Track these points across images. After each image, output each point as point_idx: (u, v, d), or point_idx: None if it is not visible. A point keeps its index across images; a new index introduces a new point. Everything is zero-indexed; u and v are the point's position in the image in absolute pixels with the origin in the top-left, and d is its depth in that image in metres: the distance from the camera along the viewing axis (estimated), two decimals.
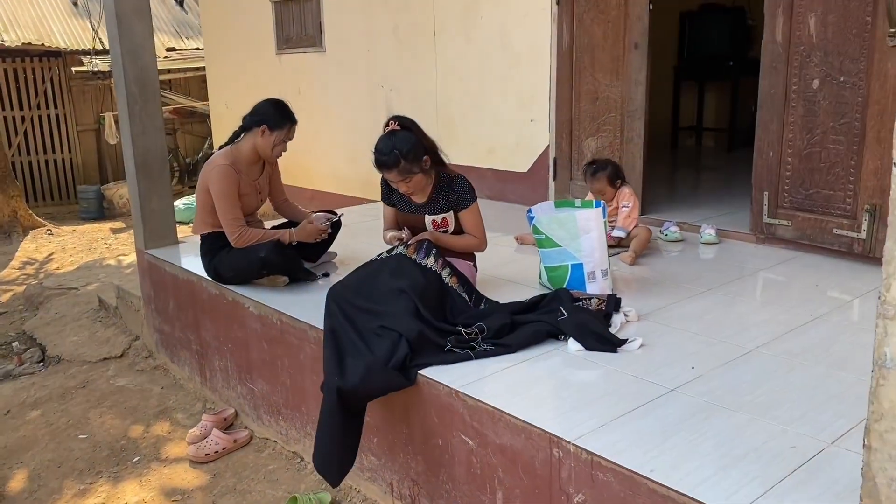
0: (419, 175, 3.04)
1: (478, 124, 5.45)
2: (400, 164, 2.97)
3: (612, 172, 3.89)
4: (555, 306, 2.90)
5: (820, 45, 3.54)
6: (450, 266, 2.99)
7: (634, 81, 4.44)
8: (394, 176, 3.02)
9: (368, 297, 2.82)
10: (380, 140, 3.04)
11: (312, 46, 6.79)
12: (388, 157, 2.98)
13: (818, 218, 3.67)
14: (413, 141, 3.01)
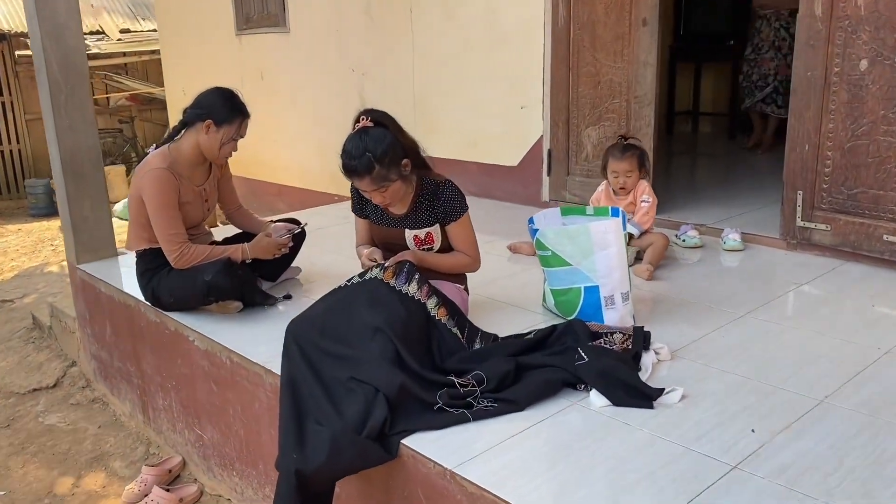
0: (397, 183, 2.46)
1: (460, 112, 4.86)
2: (374, 169, 2.39)
3: (643, 155, 3.32)
4: (569, 344, 2.34)
5: (870, 18, 3.00)
6: (436, 293, 2.42)
7: (643, 62, 3.87)
8: (366, 184, 2.43)
9: (337, 338, 2.24)
10: (348, 140, 2.45)
11: (275, 26, 6.13)
12: (359, 161, 2.39)
13: (864, 222, 3.15)
14: (389, 140, 2.42)
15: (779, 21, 5.40)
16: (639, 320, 2.66)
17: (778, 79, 5.45)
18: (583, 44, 4.11)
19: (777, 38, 5.44)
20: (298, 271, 3.35)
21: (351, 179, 2.46)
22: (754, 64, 5.60)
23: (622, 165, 3.27)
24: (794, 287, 3.00)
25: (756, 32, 5.55)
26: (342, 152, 2.45)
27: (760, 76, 5.56)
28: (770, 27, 5.44)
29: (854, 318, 2.66)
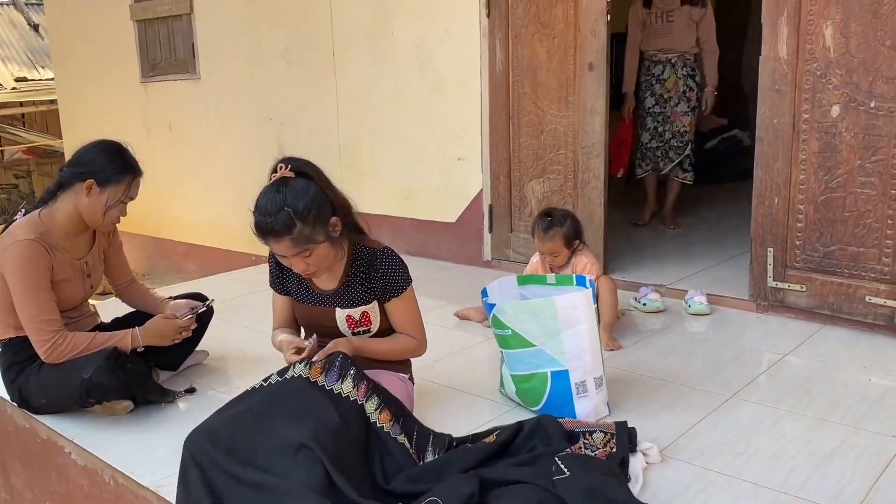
0: (324, 246, 1.99)
1: (392, 164, 4.45)
2: (294, 228, 1.92)
3: (571, 230, 2.93)
4: (540, 449, 1.91)
5: (840, 61, 2.76)
6: (377, 392, 1.95)
7: (590, 110, 3.56)
8: (285, 248, 1.96)
9: (249, 459, 1.75)
10: (262, 193, 1.99)
11: (184, 73, 5.62)
12: (276, 218, 1.92)
13: (844, 282, 2.86)
14: (313, 194, 1.97)
15: (686, 67, 4.48)
16: (613, 409, 2.26)
17: (689, 137, 4.54)
18: (524, 90, 3.79)
19: (686, 87, 4.49)
20: (205, 356, 2.82)
21: (266, 242, 1.98)
22: (664, 119, 4.53)
23: (545, 247, 2.91)
24: (778, 358, 2.66)
25: (656, 80, 4.50)
26: (255, 208, 1.98)
27: (674, 134, 4.51)
28: (677, 74, 4.47)
29: (854, 398, 2.33)
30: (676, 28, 4.40)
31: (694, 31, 4.41)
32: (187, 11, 5.41)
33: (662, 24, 4.42)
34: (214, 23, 5.29)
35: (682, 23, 4.38)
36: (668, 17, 4.41)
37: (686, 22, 4.38)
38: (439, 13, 4.03)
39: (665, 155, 4.54)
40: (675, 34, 4.41)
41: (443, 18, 4.03)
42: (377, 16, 4.31)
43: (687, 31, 4.40)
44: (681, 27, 4.39)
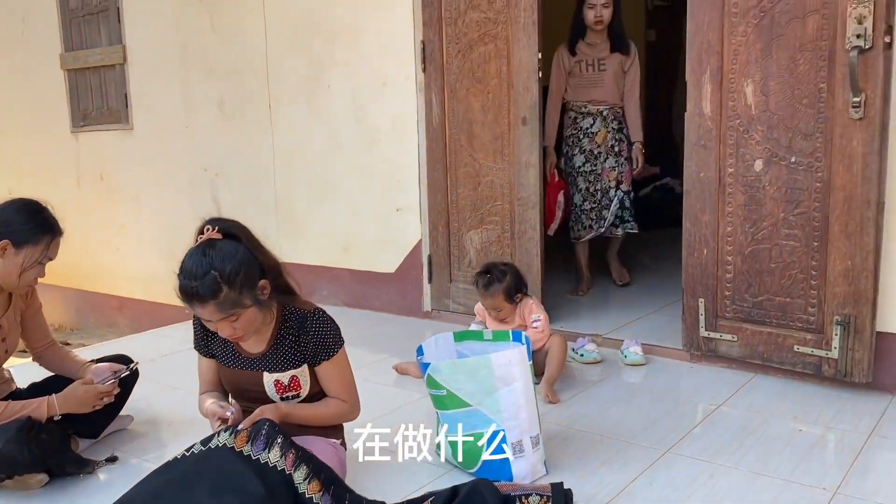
0: (251, 310, 1.94)
1: (329, 215, 4.41)
2: (220, 293, 1.86)
3: (512, 283, 2.96)
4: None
5: (762, 117, 2.86)
6: (306, 461, 1.88)
7: (524, 163, 3.60)
8: (211, 312, 1.90)
9: None
10: (188, 256, 1.93)
11: (117, 123, 5.50)
12: (201, 282, 1.86)
13: (772, 332, 2.92)
14: (241, 257, 1.92)
15: (615, 120, 4.16)
16: (551, 467, 2.23)
17: (623, 189, 4.18)
18: (460, 143, 3.82)
19: (615, 140, 4.17)
20: (130, 421, 2.70)
21: (191, 307, 1.92)
22: (595, 178, 4.15)
23: (487, 303, 3.00)
24: (712, 409, 2.69)
25: (585, 134, 4.13)
26: (180, 270, 1.91)
27: (604, 191, 4.16)
28: (607, 127, 4.13)
29: (786, 449, 2.36)
30: (608, 77, 4.08)
31: (622, 81, 4.15)
32: (120, 61, 5.32)
33: (593, 73, 4.10)
34: (148, 73, 5.21)
35: (613, 72, 4.09)
36: (599, 66, 4.09)
37: (617, 71, 4.11)
38: (376, 67, 4.06)
39: (600, 216, 4.15)
40: (607, 84, 4.09)
41: (379, 72, 4.05)
42: (314, 69, 4.31)
43: (618, 81, 4.13)
44: (612, 76, 4.10)
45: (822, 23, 2.67)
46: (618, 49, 4.08)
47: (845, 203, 2.68)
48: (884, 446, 2.37)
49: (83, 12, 5.57)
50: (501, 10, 3.56)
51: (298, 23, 4.32)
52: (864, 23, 2.53)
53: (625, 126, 4.20)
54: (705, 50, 2.95)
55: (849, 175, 2.66)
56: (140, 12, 5.17)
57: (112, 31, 5.37)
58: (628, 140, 4.20)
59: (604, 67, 4.09)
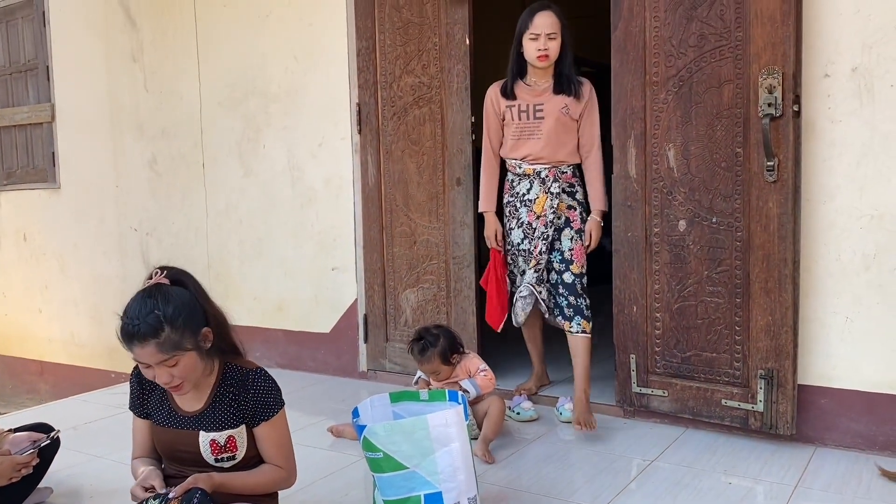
0: (191, 355, 1.90)
1: (263, 275, 4.36)
2: (161, 332, 1.84)
3: (446, 345, 2.98)
4: None
5: (684, 180, 3.00)
6: None
7: (459, 223, 3.66)
8: (150, 354, 1.85)
9: None
10: (134, 299, 1.90)
11: (43, 182, 5.36)
12: (143, 321, 1.84)
13: (701, 386, 3.01)
14: (186, 300, 1.91)
15: (563, 183, 3.19)
16: None
17: (567, 272, 3.18)
18: (396, 203, 3.86)
19: (562, 207, 3.20)
20: (49, 493, 2.56)
21: (131, 347, 1.87)
22: (530, 254, 3.19)
23: (424, 368, 3.03)
24: (646, 465, 2.73)
25: (521, 202, 3.22)
26: (123, 313, 1.88)
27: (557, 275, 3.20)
28: (550, 192, 3.15)
29: (717, 502, 2.40)
30: (548, 127, 3.11)
31: (573, 133, 3.17)
32: (48, 119, 5.22)
33: (528, 122, 3.15)
34: (78, 131, 5.12)
35: (555, 119, 3.10)
36: (535, 112, 3.14)
37: (561, 118, 3.11)
38: (312, 128, 4.09)
39: (546, 300, 3.22)
40: (546, 135, 3.12)
41: (315, 133, 4.09)
42: (249, 129, 4.32)
43: (563, 132, 3.13)
44: (554, 125, 3.11)
45: (736, 91, 2.85)
46: (562, 91, 3.12)
47: (764, 261, 2.81)
48: (809, 497, 2.44)
49: (11, 69, 5.48)
50: (435, 76, 3.67)
51: (234, 82, 4.34)
52: (775, 92, 2.70)
53: (578, 190, 3.23)
54: (629, 115, 3.09)
55: (766, 234, 2.80)
56: (71, 70, 5.11)
57: (41, 88, 5.28)
58: (583, 208, 3.22)
59: (541, 114, 3.13)
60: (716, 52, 2.88)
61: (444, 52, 3.63)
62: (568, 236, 3.20)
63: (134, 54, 4.74)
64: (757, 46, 2.76)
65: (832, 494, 2.45)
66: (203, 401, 2.01)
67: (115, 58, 4.84)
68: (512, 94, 3.20)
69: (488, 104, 3.28)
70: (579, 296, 3.20)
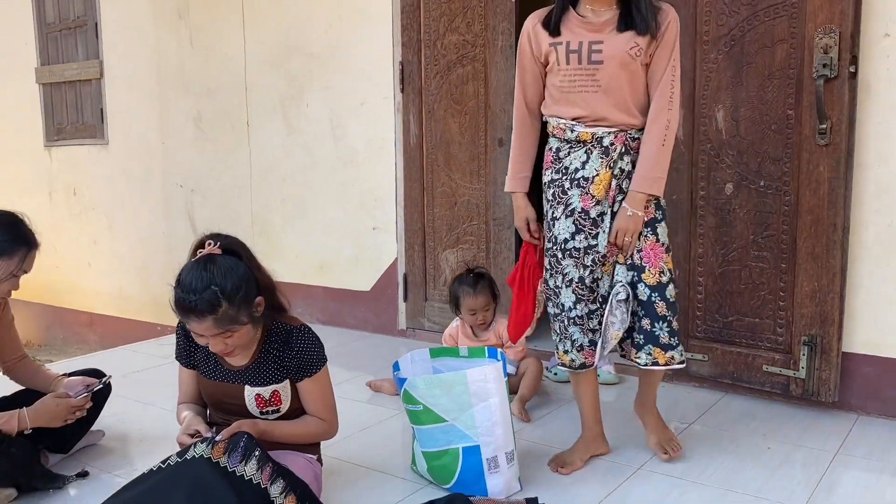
0: (247, 328, 1.94)
1: (305, 233, 4.41)
2: (219, 309, 1.87)
3: (493, 284, 3.03)
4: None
5: (732, 143, 2.94)
6: (282, 475, 1.88)
7: (500, 184, 3.63)
8: (207, 328, 1.89)
9: None
10: (187, 270, 1.91)
11: (91, 138, 5.48)
12: (200, 297, 1.85)
13: (742, 352, 2.98)
14: (241, 274, 1.92)
15: (630, 153, 2.24)
16: (525, 483, 2.25)
17: (653, 278, 2.25)
18: (437, 163, 3.86)
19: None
20: (101, 436, 2.67)
21: (187, 320, 1.91)
22: (597, 260, 2.27)
23: (479, 301, 2.96)
24: (684, 427, 2.73)
25: (572, 182, 2.25)
26: (177, 285, 1.90)
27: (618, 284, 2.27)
28: (612, 167, 2.21)
29: (753, 467, 2.40)
30: (608, 74, 2.15)
31: (642, 82, 2.20)
32: (97, 76, 5.30)
33: (581, 68, 2.17)
34: (125, 88, 5.20)
35: (618, 64, 2.14)
36: (591, 53, 2.16)
37: (627, 63, 2.14)
38: (354, 87, 4.09)
39: (610, 326, 2.26)
40: (605, 87, 2.17)
41: (358, 92, 4.09)
42: (291, 88, 4.34)
43: (631, 82, 2.17)
44: (618, 73, 2.15)
45: (790, 52, 2.77)
46: (631, 26, 2.14)
47: (812, 226, 2.75)
48: (849, 465, 2.42)
49: (60, 26, 5.56)
50: (479, 34, 3.63)
51: (278, 41, 4.35)
52: (830, 52, 2.62)
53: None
54: None
55: (815, 199, 2.74)
56: (118, 27, 5.17)
57: (89, 45, 5.36)
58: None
59: (598, 56, 2.15)
60: (770, 10, 2.79)
61: (489, 8, 3.58)
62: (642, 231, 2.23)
63: (180, 11, 4.77)
64: (814, 5, 2.67)
65: (874, 462, 2.42)
66: (249, 357, 2.06)
67: (161, 15, 4.88)
68: (558, 29, 2.21)
69: (524, 42, 2.29)
70: (658, 318, 2.24)
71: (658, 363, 2.28)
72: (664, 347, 2.27)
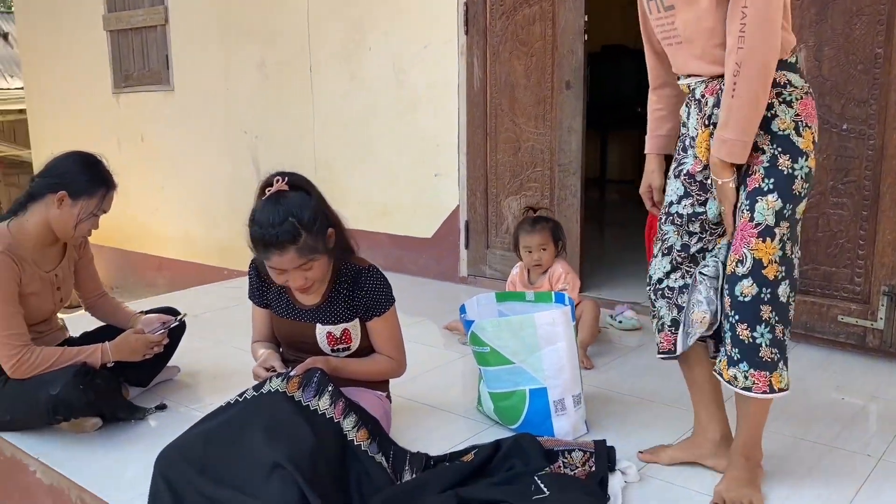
0: (324, 259, 1.97)
1: (368, 180, 4.43)
2: (300, 238, 1.88)
3: (556, 226, 2.99)
4: (518, 469, 1.90)
5: (813, 84, 2.79)
6: (354, 410, 1.92)
7: (567, 128, 3.58)
8: (290, 260, 1.90)
9: (221, 477, 1.70)
10: (262, 208, 1.93)
11: (158, 84, 5.56)
12: (280, 229, 1.86)
13: (816, 301, 2.89)
14: (314, 205, 1.94)
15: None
16: (591, 427, 2.25)
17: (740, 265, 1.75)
18: (501, 108, 3.80)
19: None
20: (177, 372, 2.77)
21: (268, 256, 1.91)
22: (700, 227, 1.90)
23: (534, 239, 2.92)
24: None
25: (683, 141, 1.92)
26: (252, 222, 1.92)
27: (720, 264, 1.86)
28: (707, 121, 1.79)
29: (828, 417, 2.35)
30: (683, 20, 1.77)
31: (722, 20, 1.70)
32: (162, 22, 5.36)
33: (661, 16, 1.83)
34: (190, 34, 5.24)
35: (688, 4, 1.75)
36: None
37: (701, 3, 1.72)
38: (417, 30, 4.04)
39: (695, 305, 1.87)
40: (683, 33, 1.79)
41: (421, 35, 4.03)
42: (355, 32, 4.31)
43: (707, 21, 1.72)
44: (693, 15, 1.74)
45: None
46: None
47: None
48: None
49: None
50: None
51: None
52: None
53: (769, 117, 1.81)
54: None
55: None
56: None
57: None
58: (783, 144, 1.72)
59: (669, 1, 1.78)
60: None
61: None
62: (762, 193, 1.71)
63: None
64: None
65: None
66: (320, 296, 2.09)
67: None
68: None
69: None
70: (725, 315, 1.79)
71: (721, 375, 1.81)
72: (729, 360, 1.78)
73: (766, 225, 1.69)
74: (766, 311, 1.71)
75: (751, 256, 1.71)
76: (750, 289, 1.71)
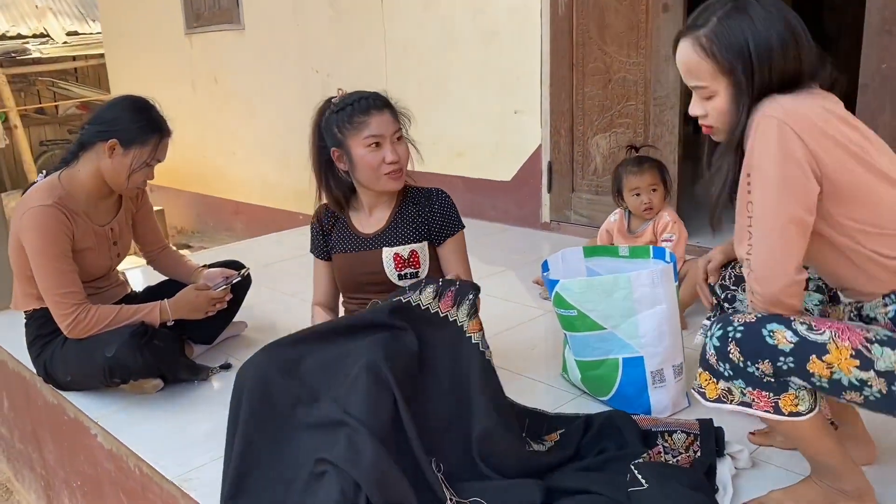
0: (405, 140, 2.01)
1: (443, 118, 4.16)
2: (391, 102, 2.02)
3: (664, 170, 2.64)
4: (612, 452, 1.66)
5: None
6: (461, 297, 1.78)
7: (664, 57, 3.20)
8: (388, 121, 1.95)
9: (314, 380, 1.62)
10: (344, 98, 2.01)
11: (229, 23, 5.39)
12: (373, 94, 1.99)
13: None
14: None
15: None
16: (693, 401, 1.98)
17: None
18: (589, 35, 3.44)
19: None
20: (244, 327, 2.64)
21: (366, 119, 1.92)
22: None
23: (644, 179, 2.57)
24: None
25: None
26: (340, 103, 1.99)
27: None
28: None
29: None
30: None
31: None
32: None
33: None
34: None
35: None
36: None
37: None
38: None
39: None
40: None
41: None
42: None
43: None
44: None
45: None
46: None
47: None
48: None
49: None
50: None
51: None
52: None
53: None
54: None
55: None
56: None
57: None
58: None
59: None
60: None
61: None
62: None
63: None
64: None
65: None
66: (384, 221, 2.03)
67: None
68: None
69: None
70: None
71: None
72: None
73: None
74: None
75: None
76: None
